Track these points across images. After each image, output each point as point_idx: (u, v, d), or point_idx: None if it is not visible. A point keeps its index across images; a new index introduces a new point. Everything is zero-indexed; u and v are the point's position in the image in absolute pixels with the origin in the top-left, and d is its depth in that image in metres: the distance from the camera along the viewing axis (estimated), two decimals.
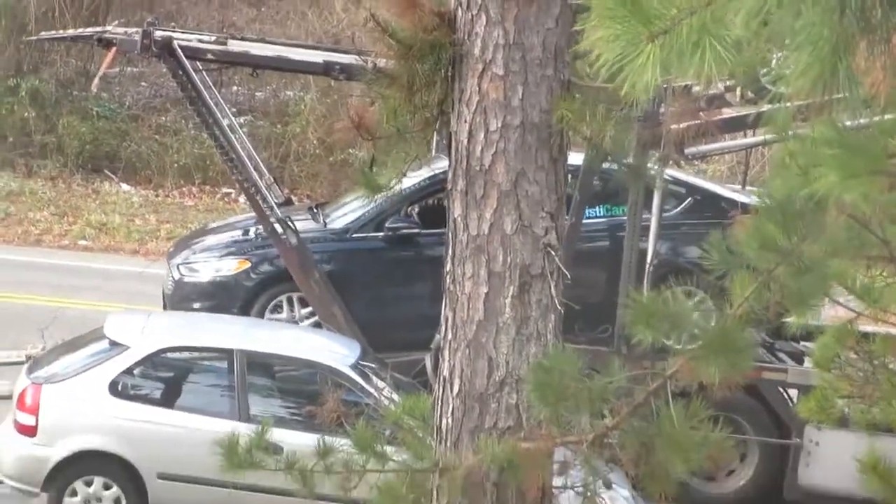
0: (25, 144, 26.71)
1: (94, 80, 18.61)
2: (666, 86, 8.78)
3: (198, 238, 15.30)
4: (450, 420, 6.14)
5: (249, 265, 13.74)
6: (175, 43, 12.91)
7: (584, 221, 12.77)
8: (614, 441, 5.36)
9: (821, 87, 2.54)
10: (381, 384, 10.85)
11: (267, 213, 13.23)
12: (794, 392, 12.51)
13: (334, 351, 11.50)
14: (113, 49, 13.33)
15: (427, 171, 12.80)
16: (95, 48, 16.47)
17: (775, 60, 3.04)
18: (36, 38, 19.20)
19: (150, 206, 25.41)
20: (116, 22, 17.22)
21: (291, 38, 22.51)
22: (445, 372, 6.18)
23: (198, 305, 13.76)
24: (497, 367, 6.00)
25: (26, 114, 26.53)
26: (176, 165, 26.69)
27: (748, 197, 11.70)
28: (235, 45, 13.94)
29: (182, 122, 27.03)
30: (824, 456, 11.95)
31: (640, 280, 12.02)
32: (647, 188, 11.39)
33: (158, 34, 12.97)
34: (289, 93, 28.42)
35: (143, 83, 28.89)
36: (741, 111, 11.99)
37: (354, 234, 13.71)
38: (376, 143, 6.26)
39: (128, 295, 17.44)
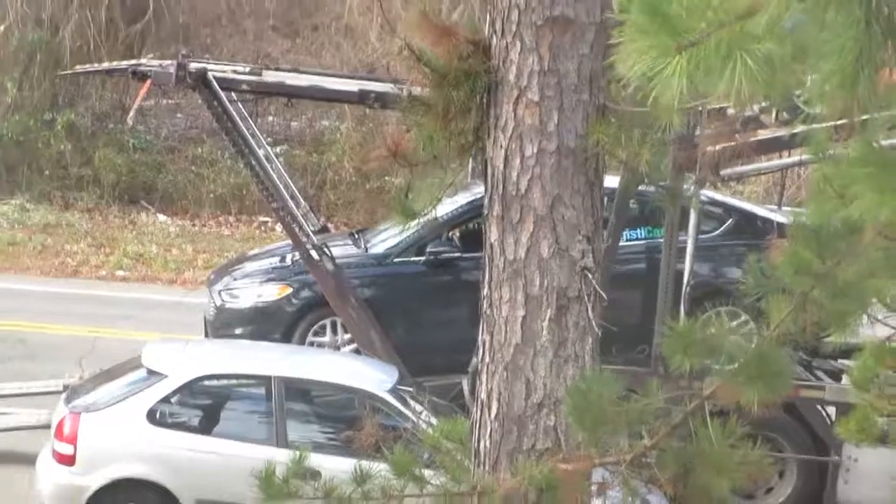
0: (62, 177, 26.94)
1: (130, 113, 18.81)
2: (701, 108, 8.80)
3: (238, 265, 15.40)
4: (488, 443, 6.16)
5: (291, 290, 13.82)
6: (210, 74, 12.98)
7: (626, 243, 12.83)
8: (652, 461, 5.37)
9: (844, 95, 2.57)
10: (418, 408, 10.87)
11: (303, 241, 13.30)
12: (831, 409, 12.48)
13: (372, 376, 11.53)
14: (148, 81, 13.41)
15: (468, 196, 12.87)
16: (131, 81, 16.57)
17: (809, 81, 3.06)
18: (71, 71, 19.34)
19: (187, 236, 25.55)
20: (151, 55, 17.36)
21: (326, 68, 22.63)
22: (483, 395, 6.20)
23: (239, 331, 13.84)
24: (535, 390, 6.02)
25: (62, 147, 26.75)
26: (212, 195, 26.84)
27: (787, 217, 11.72)
28: (270, 76, 14.00)
29: (218, 152, 27.14)
30: (862, 473, 11.90)
31: (676, 302, 12.03)
32: (684, 210, 11.42)
33: (193, 66, 13.04)
34: (324, 122, 28.54)
35: (178, 115, 29.09)
36: (776, 132, 11.98)
37: (396, 259, 13.77)
38: (413, 170, 6.30)
39: (165, 324, 17.51)
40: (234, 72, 13.73)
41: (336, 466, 8.21)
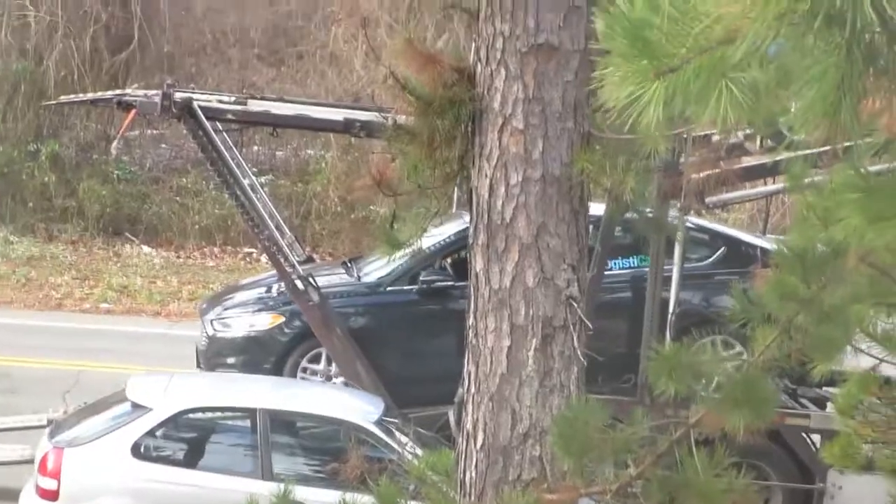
0: (46, 209, 26.89)
1: (114, 143, 18.80)
2: (686, 135, 8.79)
3: (230, 294, 15.36)
4: (473, 473, 6.13)
5: (283, 320, 13.78)
6: (195, 104, 12.95)
7: (611, 272, 12.82)
8: (638, 491, 5.34)
9: (825, 123, 2.56)
10: (404, 440, 10.83)
11: (289, 271, 13.26)
12: (816, 437, 12.48)
13: (358, 407, 11.48)
14: (133, 111, 13.38)
15: (460, 224, 12.85)
16: (115, 111, 16.55)
17: (793, 107, 3.05)
18: (56, 101, 19.24)
19: (172, 268, 25.50)
20: (136, 85, 17.36)
21: (311, 97, 22.65)
22: (469, 425, 6.18)
23: (232, 360, 13.81)
24: (520, 420, 6.00)
25: (46, 178, 26.71)
26: (197, 227, 26.82)
27: (771, 245, 11.73)
28: (255, 105, 13.98)
29: (203, 182, 27.12)
30: (847, 500, 11.89)
31: (662, 330, 12.01)
32: (670, 238, 11.43)
33: (178, 95, 13.01)
34: (309, 151, 28.57)
35: (163, 145, 29.05)
36: (761, 159, 12.00)
37: (388, 288, 13.74)
38: (398, 200, 6.29)
39: (150, 357, 17.44)
40: (220, 101, 13.70)
41: (322, 499, 8.16)
